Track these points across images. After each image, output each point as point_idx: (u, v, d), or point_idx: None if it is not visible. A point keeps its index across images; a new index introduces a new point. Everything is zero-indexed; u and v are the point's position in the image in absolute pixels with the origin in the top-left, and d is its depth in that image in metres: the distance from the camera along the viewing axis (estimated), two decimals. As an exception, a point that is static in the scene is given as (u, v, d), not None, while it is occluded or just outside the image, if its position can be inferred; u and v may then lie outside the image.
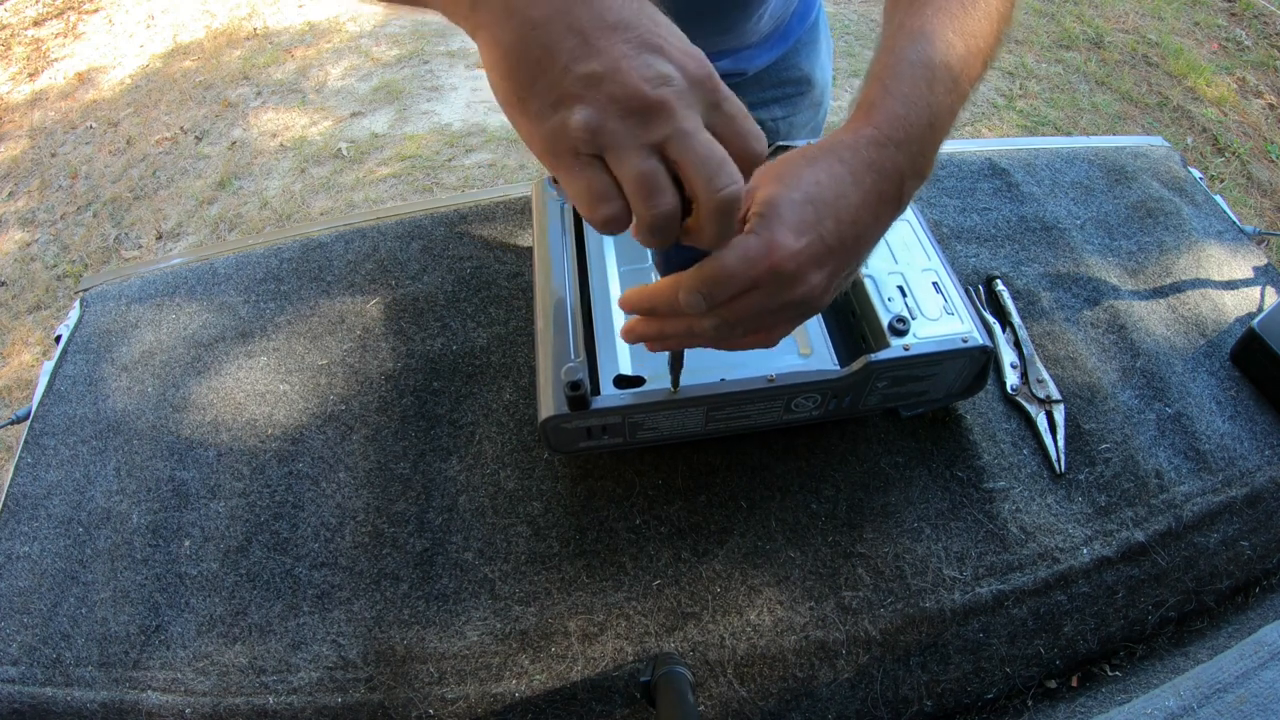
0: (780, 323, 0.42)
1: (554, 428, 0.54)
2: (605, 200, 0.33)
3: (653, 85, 0.31)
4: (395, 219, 0.84)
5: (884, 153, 0.41)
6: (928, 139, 0.42)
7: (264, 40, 2.97)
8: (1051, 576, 0.56)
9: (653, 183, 0.32)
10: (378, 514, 0.61)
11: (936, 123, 0.42)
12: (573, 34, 0.31)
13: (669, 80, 0.31)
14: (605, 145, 0.32)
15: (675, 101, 0.31)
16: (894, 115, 0.41)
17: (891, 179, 0.41)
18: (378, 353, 0.72)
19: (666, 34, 0.33)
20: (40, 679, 0.55)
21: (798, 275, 0.39)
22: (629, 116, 0.31)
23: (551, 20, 0.31)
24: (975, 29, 0.44)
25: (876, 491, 0.61)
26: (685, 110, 0.31)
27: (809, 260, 0.39)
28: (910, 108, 0.41)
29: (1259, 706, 0.44)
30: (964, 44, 0.43)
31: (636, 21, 0.32)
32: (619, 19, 0.31)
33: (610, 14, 0.31)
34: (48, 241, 2.27)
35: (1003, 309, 0.71)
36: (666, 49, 0.32)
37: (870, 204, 0.40)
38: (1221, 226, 0.80)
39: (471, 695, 0.52)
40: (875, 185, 0.40)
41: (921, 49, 0.42)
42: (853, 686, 0.52)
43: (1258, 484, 0.61)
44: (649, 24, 0.32)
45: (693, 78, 0.32)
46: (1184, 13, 2.87)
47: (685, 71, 0.32)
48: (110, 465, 0.66)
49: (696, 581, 0.56)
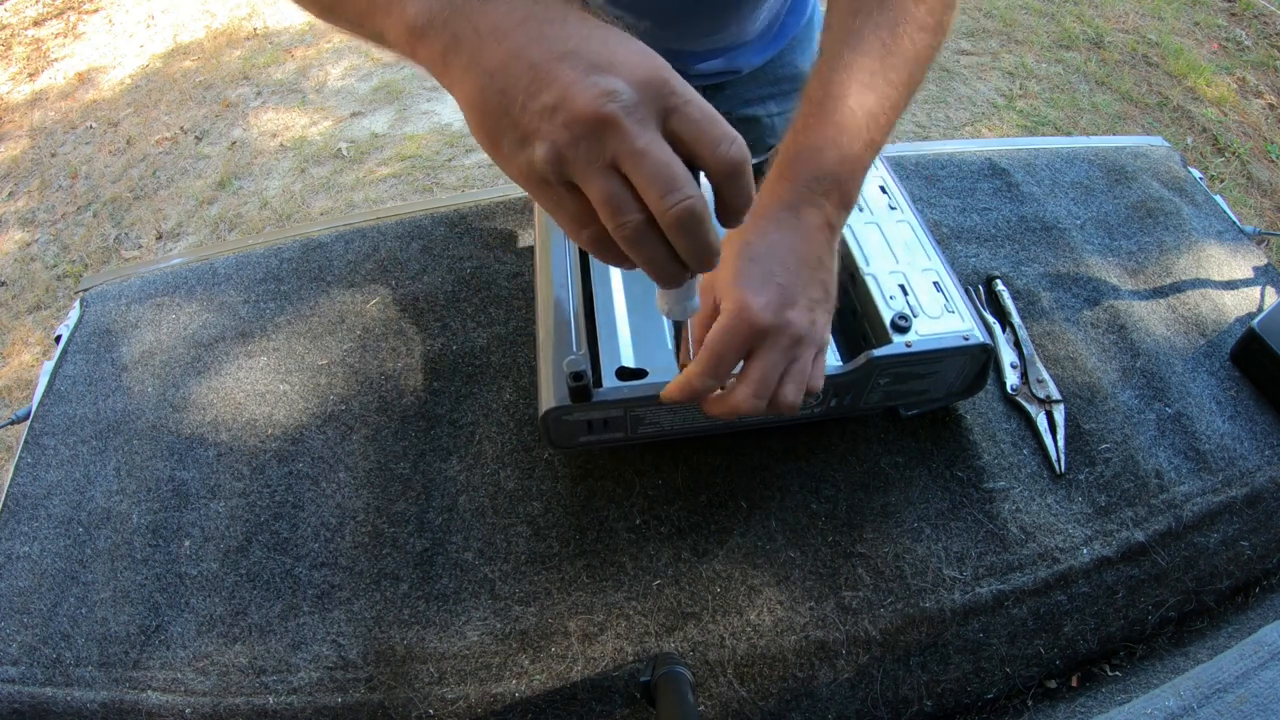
0: (800, 367, 0.45)
1: (555, 420, 0.54)
2: (584, 224, 0.34)
3: (599, 103, 0.31)
4: (395, 219, 0.84)
5: (805, 202, 0.46)
6: (846, 180, 0.47)
7: (264, 40, 2.97)
8: (1051, 576, 0.56)
9: (616, 202, 0.32)
10: (378, 514, 0.61)
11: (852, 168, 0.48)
12: (527, 71, 0.31)
13: (615, 95, 0.31)
14: (571, 173, 0.32)
15: (623, 116, 0.31)
16: (818, 172, 0.47)
17: (817, 220, 0.47)
18: (378, 353, 0.72)
19: (617, 48, 0.32)
20: (40, 679, 0.55)
21: (779, 323, 0.43)
22: (583, 139, 0.31)
23: (506, 64, 0.32)
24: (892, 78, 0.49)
25: (876, 491, 0.61)
26: (634, 124, 0.31)
27: (779, 306, 0.43)
28: (823, 160, 0.47)
29: (1259, 706, 0.44)
30: (875, 96, 0.48)
31: (585, 46, 0.32)
32: (566, 48, 0.32)
33: (559, 44, 0.32)
34: (48, 241, 2.27)
35: (1003, 309, 0.71)
36: (616, 64, 0.32)
37: (807, 244, 0.46)
38: (1221, 226, 0.80)
39: (471, 695, 0.52)
40: (805, 231, 0.46)
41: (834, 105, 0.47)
42: (853, 686, 0.52)
43: (1258, 484, 0.61)
44: (598, 45, 0.32)
45: (643, 87, 0.32)
46: (1184, 13, 2.87)
47: (634, 82, 0.31)
48: (110, 465, 0.66)
49: (696, 581, 0.56)
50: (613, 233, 0.33)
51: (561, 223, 0.35)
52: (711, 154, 0.33)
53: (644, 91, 0.32)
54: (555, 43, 0.32)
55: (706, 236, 0.33)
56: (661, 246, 0.34)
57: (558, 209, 0.34)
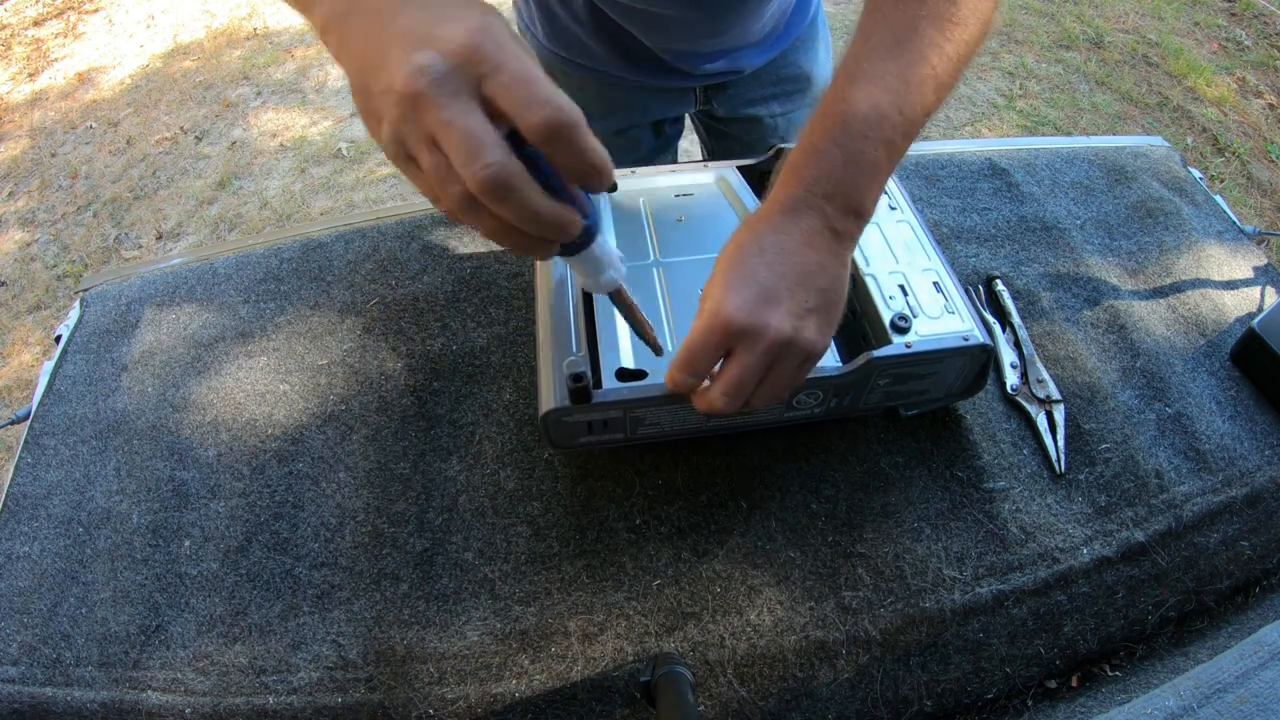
0: (779, 373, 0.44)
1: (555, 421, 0.54)
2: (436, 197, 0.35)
3: (410, 80, 0.32)
4: (395, 219, 0.84)
5: (805, 205, 0.45)
6: (862, 185, 0.45)
7: (264, 40, 2.97)
8: (1051, 576, 0.56)
9: (440, 175, 0.33)
10: (378, 514, 0.61)
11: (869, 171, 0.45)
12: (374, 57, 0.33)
13: (425, 70, 0.31)
14: (410, 150, 0.34)
15: (431, 90, 0.31)
16: (818, 173, 0.45)
17: (815, 224, 0.45)
18: (378, 353, 0.72)
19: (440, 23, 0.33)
20: (40, 679, 0.55)
21: (753, 323, 0.42)
22: (406, 118, 0.32)
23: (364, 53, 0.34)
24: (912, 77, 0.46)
25: (876, 491, 0.61)
26: (443, 97, 0.32)
27: (756, 306, 0.42)
28: (833, 164, 0.45)
29: (1259, 706, 0.44)
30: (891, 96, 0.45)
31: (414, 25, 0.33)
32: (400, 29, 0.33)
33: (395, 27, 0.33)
34: (48, 241, 2.27)
35: (1003, 309, 0.71)
36: (434, 38, 0.32)
37: (802, 248, 0.44)
38: (1221, 226, 0.80)
39: (471, 695, 0.52)
40: (801, 234, 0.44)
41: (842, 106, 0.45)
42: (853, 686, 0.52)
43: (1258, 484, 0.61)
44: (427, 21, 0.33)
45: (456, 57, 0.32)
46: (1184, 13, 2.87)
47: (448, 53, 0.32)
48: (110, 465, 0.66)
49: (696, 581, 0.56)
50: (443, 208, 0.35)
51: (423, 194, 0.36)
52: (521, 118, 0.33)
53: (456, 61, 0.32)
54: (393, 26, 0.33)
55: (525, 203, 0.33)
56: (489, 216, 0.34)
57: (415, 183, 0.36)
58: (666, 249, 0.64)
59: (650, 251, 0.64)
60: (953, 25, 0.47)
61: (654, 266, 0.63)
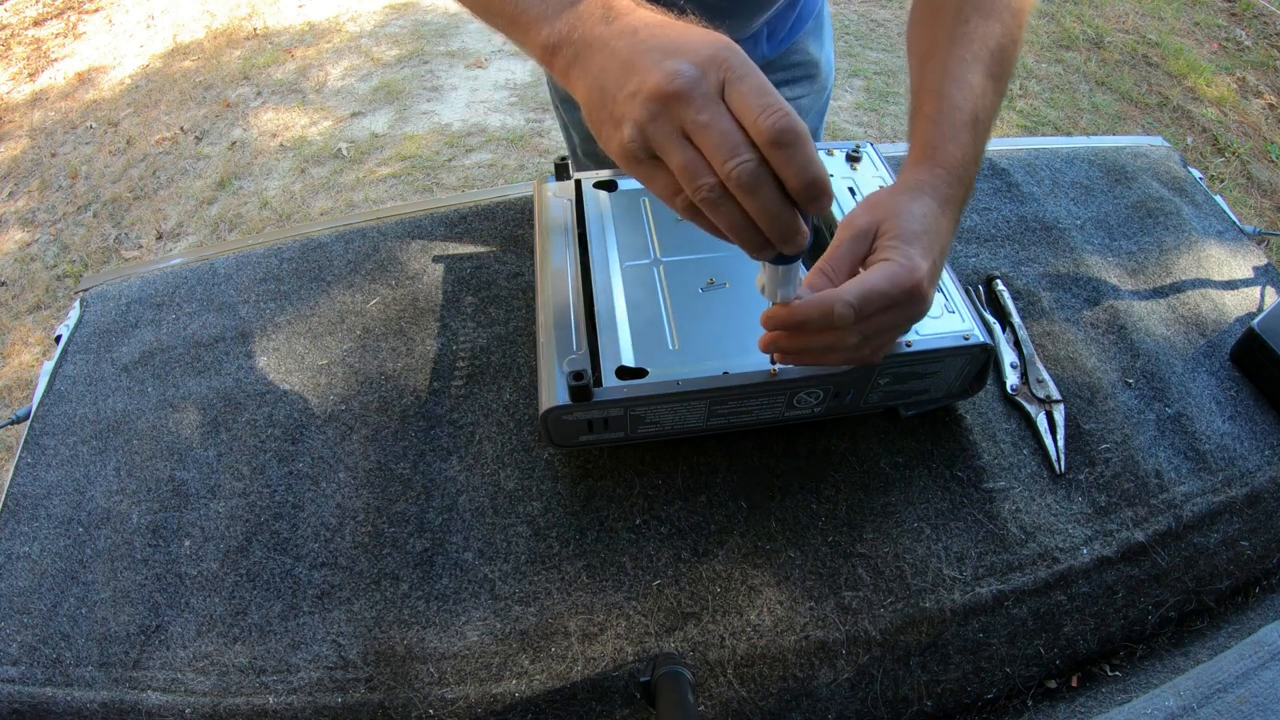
0: (896, 336, 0.48)
1: (555, 419, 0.54)
2: (675, 192, 0.38)
3: (667, 81, 0.35)
4: (395, 219, 0.84)
5: (954, 189, 0.49)
6: (973, 173, 0.51)
7: (264, 40, 2.97)
8: (1051, 576, 0.56)
9: (692, 168, 0.36)
10: (378, 514, 0.61)
11: (977, 158, 0.51)
12: (619, 68, 0.38)
13: (680, 74, 0.35)
14: (654, 147, 0.37)
15: (688, 89, 0.35)
16: (954, 158, 0.49)
17: (959, 208, 0.50)
18: (378, 353, 0.72)
19: (686, 36, 0.37)
20: (40, 679, 0.55)
21: (925, 294, 0.45)
22: (659, 115, 0.36)
23: (605, 66, 0.38)
24: (998, 71, 0.52)
25: (876, 491, 0.61)
26: (699, 97, 0.35)
27: (932, 281, 0.46)
28: (963, 150, 0.50)
29: (1259, 706, 0.44)
30: (994, 88, 0.51)
31: (661, 40, 0.37)
32: (647, 44, 0.37)
33: (641, 42, 0.38)
34: (48, 241, 2.27)
35: (1003, 309, 0.71)
36: (683, 49, 0.36)
37: (950, 230, 0.49)
38: (1221, 226, 0.80)
39: (471, 695, 0.52)
40: (951, 215, 0.49)
41: (965, 96, 0.50)
42: (853, 686, 0.52)
43: (1258, 484, 0.61)
44: (672, 36, 0.37)
45: (706, 64, 0.36)
46: (1184, 13, 2.87)
47: (698, 61, 0.36)
48: (110, 465, 0.66)
49: (696, 581, 0.56)
50: (693, 198, 0.37)
51: (657, 194, 0.39)
52: (753, 124, 0.35)
53: (707, 68, 0.36)
54: (639, 42, 0.38)
55: (771, 200, 0.36)
56: (737, 210, 0.37)
57: (651, 181, 0.39)
58: (666, 248, 0.64)
59: (651, 251, 0.64)
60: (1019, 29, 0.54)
61: (654, 265, 0.63)
